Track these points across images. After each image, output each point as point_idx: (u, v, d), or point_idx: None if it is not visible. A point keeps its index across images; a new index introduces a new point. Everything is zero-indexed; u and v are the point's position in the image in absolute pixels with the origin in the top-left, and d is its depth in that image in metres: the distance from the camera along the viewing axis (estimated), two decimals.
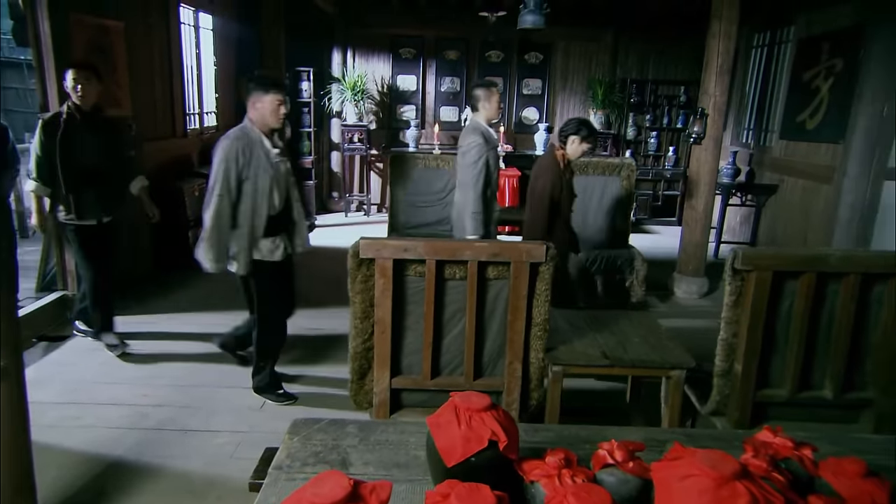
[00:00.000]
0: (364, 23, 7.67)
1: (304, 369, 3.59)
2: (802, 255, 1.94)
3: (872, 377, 2.03)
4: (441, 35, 7.85)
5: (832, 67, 5.54)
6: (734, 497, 0.89)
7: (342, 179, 8.05)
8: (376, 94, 7.91)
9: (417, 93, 7.98)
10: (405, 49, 7.89)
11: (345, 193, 7.99)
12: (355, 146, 7.59)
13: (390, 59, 7.91)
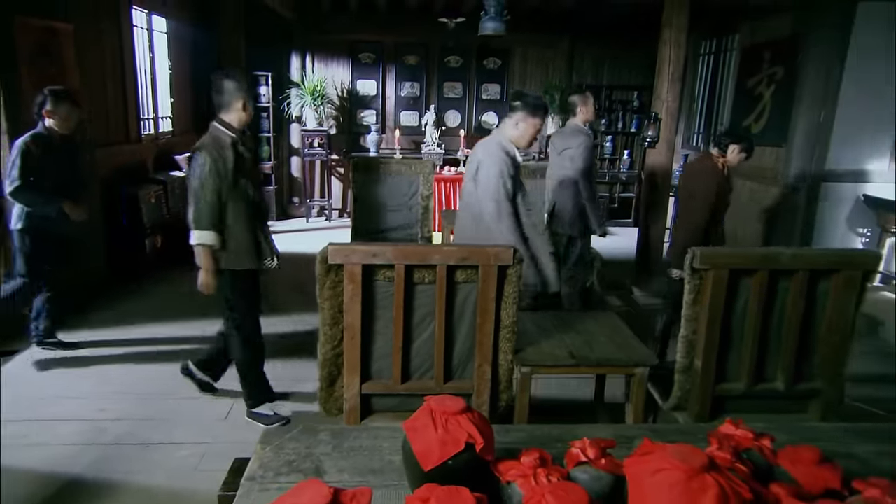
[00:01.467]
0: (323, 28, 7.62)
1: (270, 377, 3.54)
2: (756, 253, 2.03)
3: (819, 368, 2.14)
4: (400, 40, 7.87)
5: (774, 74, 5.81)
6: (704, 489, 0.93)
7: (303, 185, 7.97)
8: (336, 99, 7.87)
9: (378, 97, 7.97)
10: (365, 54, 7.89)
11: (306, 199, 7.91)
12: (316, 151, 7.52)
13: (350, 64, 7.89)
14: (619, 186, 8.36)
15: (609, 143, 8.27)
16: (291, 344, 4.05)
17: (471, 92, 8.11)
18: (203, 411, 3.10)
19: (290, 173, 8.12)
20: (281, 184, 7.99)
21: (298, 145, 7.86)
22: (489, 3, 3.19)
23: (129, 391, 3.29)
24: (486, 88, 8.15)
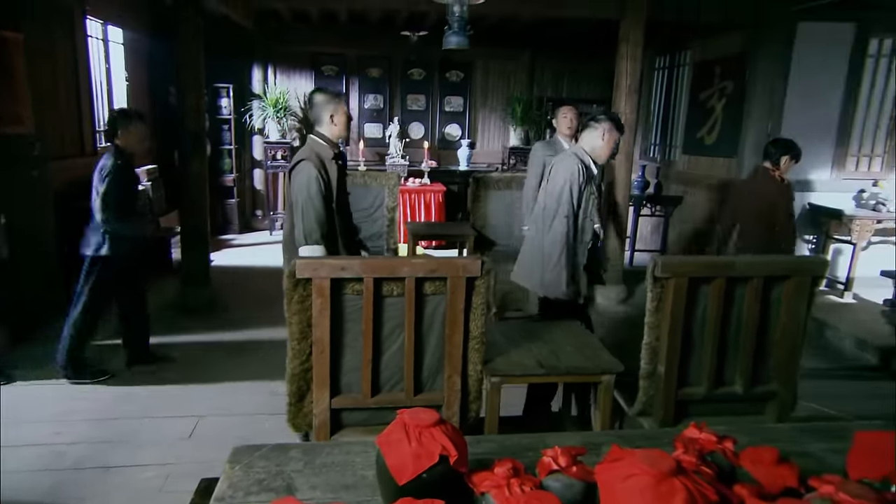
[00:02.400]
0: (284, 40, 7.57)
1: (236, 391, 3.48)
2: (714, 261, 2.11)
3: (775, 371, 2.23)
4: (363, 53, 7.89)
5: (724, 89, 6.05)
6: (672, 492, 0.96)
7: (266, 197, 7.87)
8: (299, 111, 7.81)
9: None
10: (327, 66, 7.87)
11: (269, 211, 7.82)
12: (279, 163, 7.45)
13: (313, 76, 7.86)
14: None
15: None
16: (254, 360, 3.97)
17: (434, 104, 8.17)
18: (165, 430, 3.02)
19: (253, 186, 8.02)
20: (243, 196, 7.88)
21: (261, 157, 7.78)
22: (452, 18, 3.23)
23: (86, 413, 3.18)
24: (449, 101, 8.22)
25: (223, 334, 4.38)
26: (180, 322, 4.52)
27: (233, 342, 4.22)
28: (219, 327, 4.50)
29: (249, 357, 4.00)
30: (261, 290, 5.30)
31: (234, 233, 7.63)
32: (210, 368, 3.80)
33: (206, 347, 4.13)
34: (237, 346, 4.15)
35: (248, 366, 3.85)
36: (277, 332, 4.17)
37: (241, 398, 3.41)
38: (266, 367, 3.77)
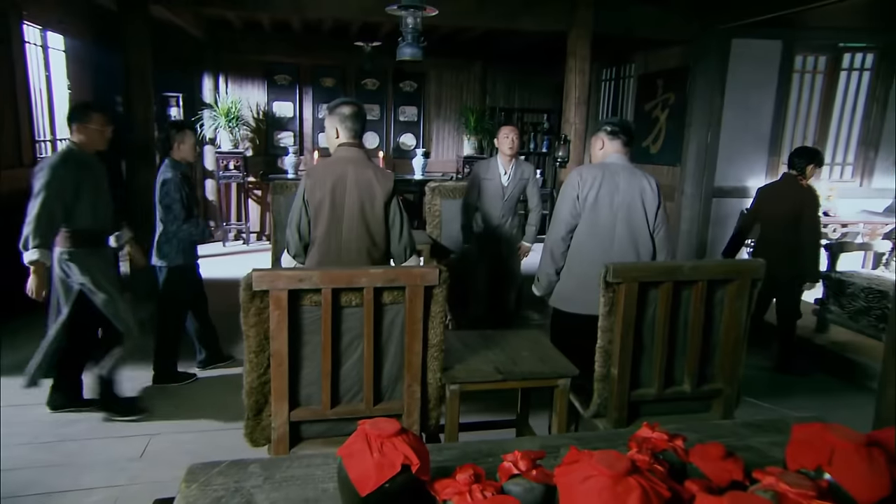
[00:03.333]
0: (236, 49, 7.47)
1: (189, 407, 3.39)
2: (662, 266, 2.20)
3: (719, 370, 2.34)
4: (317, 63, 7.85)
5: (667, 100, 6.31)
6: (628, 491, 1.00)
7: (219, 208, 7.71)
8: (252, 121, 7.71)
9: (295, 119, 7.89)
10: (280, 76, 7.79)
11: (222, 223, 7.66)
12: (231, 174, 7.31)
13: (265, 86, 7.78)
14: None
15: None
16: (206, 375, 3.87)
17: (388, 114, 8.19)
18: (115, 452, 2.91)
19: (205, 196, 7.84)
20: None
21: (213, 168, 7.62)
22: (406, 30, 3.26)
23: (27, 436, 3.03)
24: (403, 110, 8.26)
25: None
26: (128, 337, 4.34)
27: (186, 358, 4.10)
28: None
29: (204, 371, 3.90)
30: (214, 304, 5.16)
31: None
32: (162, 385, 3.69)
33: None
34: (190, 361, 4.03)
35: (202, 381, 3.76)
36: (233, 345, 4.12)
37: (196, 414, 3.33)
38: (221, 381, 3.69)
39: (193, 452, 2.87)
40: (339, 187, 2.57)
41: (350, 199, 2.57)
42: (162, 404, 3.43)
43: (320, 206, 2.57)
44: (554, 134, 8.41)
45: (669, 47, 6.16)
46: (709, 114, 5.66)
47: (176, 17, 5.66)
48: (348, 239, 2.60)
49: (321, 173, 2.60)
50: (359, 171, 2.59)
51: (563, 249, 2.88)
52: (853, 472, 1.07)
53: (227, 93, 7.52)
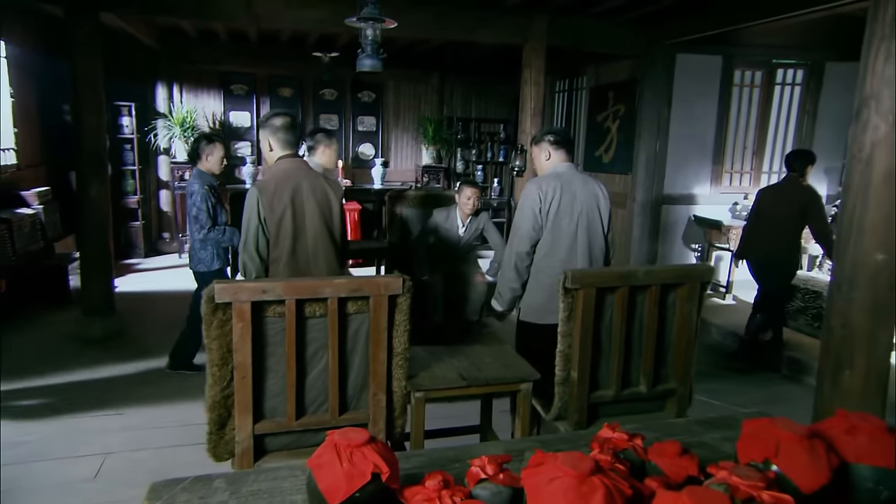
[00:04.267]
0: (191, 58, 7.34)
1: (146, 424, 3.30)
2: (618, 272, 2.28)
3: (672, 370, 2.43)
4: (274, 73, 7.80)
5: (618, 111, 6.52)
6: (593, 491, 1.03)
7: (173, 219, 7.52)
8: (208, 131, 7.56)
9: (252, 129, 7.80)
10: (237, 85, 7.70)
11: (177, 234, 7.47)
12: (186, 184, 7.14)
13: (221, 95, 7.67)
14: (491, 212, 8.78)
15: (480, 172, 8.71)
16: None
17: (347, 124, 8.18)
18: (65, 472, 2.81)
19: (159, 207, 7.65)
20: (149, 219, 7.50)
21: (167, 178, 7.46)
22: (365, 42, 3.28)
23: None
24: (361, 120, 8.27)
25: (131, 365, 4.13)
26: (82, 354, 4.22)
27: (142, 372, 4.00)
28: (126, 358, 4.24)
29: (160, 387, 3.80)
30: (171, 317, 5.04)
31: (139, 257, 7.22)
32: (116, 401, 3.58)
33: (112, 380, 3.88)
34: (146, 377, 3.93)
35: (160, 396, 3.66)
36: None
37: (152, 431, 3.24)
38: (179, 396, 3.60)
39: (152, 470, 2.79)
40: (297, 198, 2.53)
41: (310, 209, 2.55)
42: (116, 419, 3.33)
43: (281, 221, 2.51)
44: (510, 143, 8.56)
45: (619, 61, 6.39)
46: (657, 124, 5.89)
47: (127, 26, 5.53)
48: (315, 249, 2.58)
49: (276, 187, 2.54)
50: (312, 180, 2.58)
51: (528, 263, 2.90)
52: (797, 462, 1.15)
53: (182, 102, 7.38)
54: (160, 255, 7.53)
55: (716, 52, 5.94)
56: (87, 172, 4.49)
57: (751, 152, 6.43)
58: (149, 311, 5.28)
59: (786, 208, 4.28)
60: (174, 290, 5.94)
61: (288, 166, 2.60)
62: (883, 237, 2.32)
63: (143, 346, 4.46)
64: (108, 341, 4.49)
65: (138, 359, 4.22)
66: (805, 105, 6.36)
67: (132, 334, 4.71)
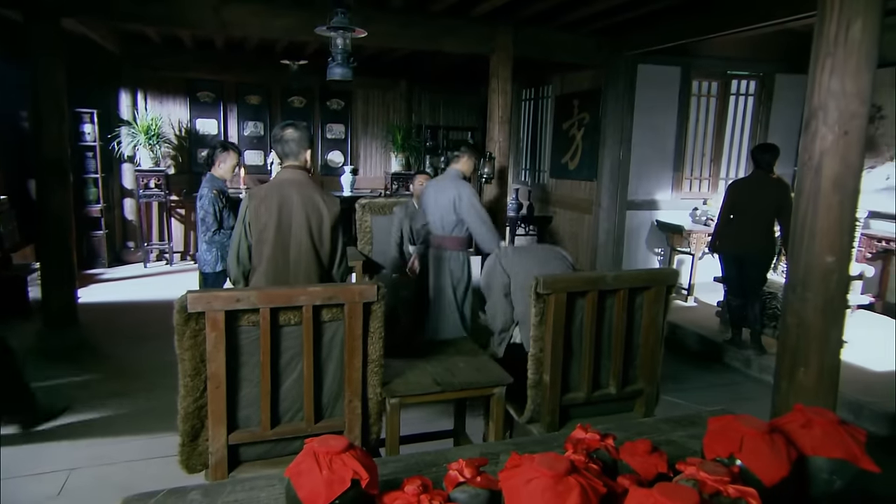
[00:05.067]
0: (155, 65, 7.22)
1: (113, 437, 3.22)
2: (587, 277, 2.34)
3: (640, 371, 2.50)
4: (241, 80, 7.73)
5: (583, 119, 6.68)
6: (569, 490, 1.07)
7: (139, 228, 7.36)
8: (174, 138, 7.45)
9: (219, 136, 7.69)
10: (203, 93, 7.60)
11: (142, 243, 7.32)
12: (152, 192, 7.01)
13: (188, 103, 7.55)
14: None
15: None
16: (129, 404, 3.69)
17: (316, 131, 8.15)
18: (28, 490, 2.72)
19: (124, 216, 7.47)
20: (112, 228, 7.30)
21: (132, 186, 7.30)
22: (336, 51, 3.30)
23: None
24: (330, 128, 8.25)
25: (95, 377, 4.03)
26: (44, 368, 4.09)
27: (106, 385, 3.90)
28: (89, 370, 4.14)
29: (126, 400, 3.71)
30: (137, 327, 4.94)
31: (102, 267, 7.03)
32: (81, 415, 3.48)
33: (76, 393, 3.77)
34: (111, 390, 3.83)
35: (126, 409, 3.58)
36: (157, 370, 3.95)
37: (119, 445, 3.16)
38: (147, 408, 3.53)
39: (120, 485, 2.73)
40: (285, 209, 2.52)
41: (297, 222, 2.53)
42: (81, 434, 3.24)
43: (265, 228, 2.51)
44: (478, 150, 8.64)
45: (583, 71, 6.55)
46: (620, 132, 6.06)
47: (89, 31, 5.41)
48: (296, 262, 2.56)
49: (265, 194, 2.54)
50: (305, 194, 2.55)
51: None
52: (759, 457, 1.21)
53: (147, 109, 7.23)
54: (125, 264, 7.34)
55: (675, 64, 6.15)
56: (48, 181, 4.38)
57: (709, 159, 6.66)
58: (114, 323, 5.15)
59: (762, 202, 4.45)
60: (140, 300, 5.81)
61: (285, 177, 2.61)
62: (833, 241, 2.44)
63: (109, 359, 4.36)
64: (71, 354, 4.36)
65: (103, 371, 4.12)
66: (758, 114, 6.63)
67: (96, 346, 4.59)
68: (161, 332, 3.09)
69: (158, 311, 3.72)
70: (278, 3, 4.69)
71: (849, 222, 2.47)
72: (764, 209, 4.46)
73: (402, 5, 4.81)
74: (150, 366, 4.10)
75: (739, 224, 4.54)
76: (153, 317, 3.87)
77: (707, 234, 5.77)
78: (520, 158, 8.32)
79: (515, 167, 8.30)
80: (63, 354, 4.34)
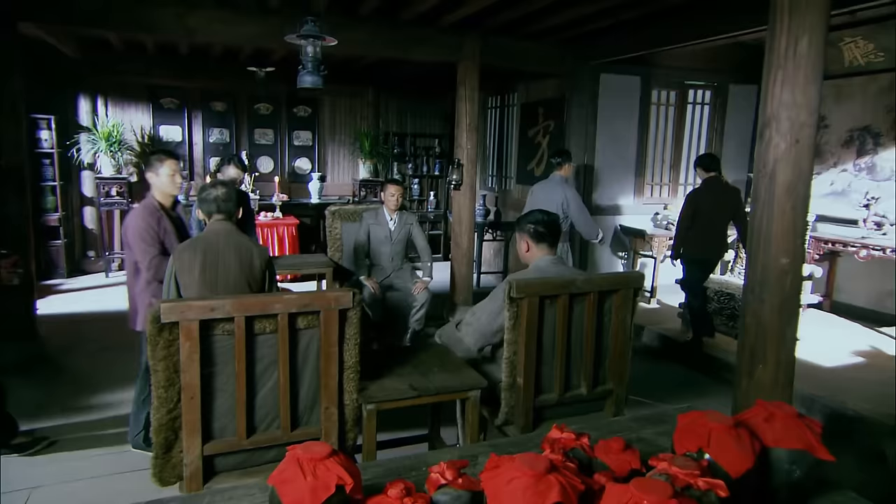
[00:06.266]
0: (117, 70, 7.05)
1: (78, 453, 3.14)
2: (558, 281, 2.40)
3: (610, 372, 2.58)
4: (206, 87, 7.61)
5: (548, 126, 6.81)
6: (549, 487, 1.11)
7: (99, 237, 7.16)
8: (136, 145, 7.28)
9: (184, 143, 7.56)
10: (167, 99, 7.46)
11: (104, 252, 7.12)
12: (114, 200, 6.83)
13: (151, 109, 7.41)
14: (428, 225, 8.88)
15: (416, 186, 8.82)
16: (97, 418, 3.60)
17: (283, 138, 8.09)
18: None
19: (83, 225, 7.24)
20: (72, 237, 7.08)
21: (92, 194, 7.10)
22: (306, 59, 3.31)
23: None
24: (297, 135, 8.19)
25: (57, 392, 3.91)
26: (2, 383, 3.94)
27: (68, 399, 3.78)
28: (50, 384, 4.02)
29: (91, 413, 3.62)
30: (99, 339, 4.80)
31: (61, 277, 6.81)
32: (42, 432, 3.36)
33: (36, 409, 3.64)
34: (74, 404, 3.72)
35: (91, 423, 3.49)
36: (121, 383, 3.86)
37: (85, 461, 3.08)
38: (112, 422, 3.45)
39: (87, 502, 2.67)
40: (210, 251, 2.51)
41: (224, 260, 2.52)
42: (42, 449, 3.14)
43: (190, 270, 2.49)
44: (445, 157, 8.71)
45: (548, 79, 6.69)
46: (584, 139, 6.21)
47: (47, 36, 5.28)
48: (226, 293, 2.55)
49: (189, 244, 2.59)
50: (232, 238, 2.58)
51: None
52: (726, 450, 1.27)
53: (108, 115, 7.05)
54: (85, 274, 7.13)
55: (635, 73, 6.34)
56: (4, 189, 4.25)
57: (669, 165, 6.87)
58: (74, 334, 5.00)
59: (722, 208, 4.67)
60: (101, 310, 5.66)
61: (212, 228, 2.62)
62: (787, 244, 2.57)
63: (70, 372, 4.23)
64: (30, 368, 4.22)
65: (65, 385, 4.01)
66: (713, 123, 6.88)
67: (57, 359, 4.46)
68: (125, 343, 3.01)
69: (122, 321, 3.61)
70: (245, 11, 4.65)
71: (801, 226, 2.60)
72: (723, 214, 4.66)
73: (372, 14, 4.83)
74: (115, 378, 4.00)
75: (704, 229, 4.71)
76: (116, 328, 3.77)
77: (668, 238, 5.96)
78: (486, 165, 8.42)
79: (482, 174, 8.39)
80: (22, 368, 4.19)
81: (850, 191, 5.69)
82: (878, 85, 5.44)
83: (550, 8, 4.60)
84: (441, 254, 8.62)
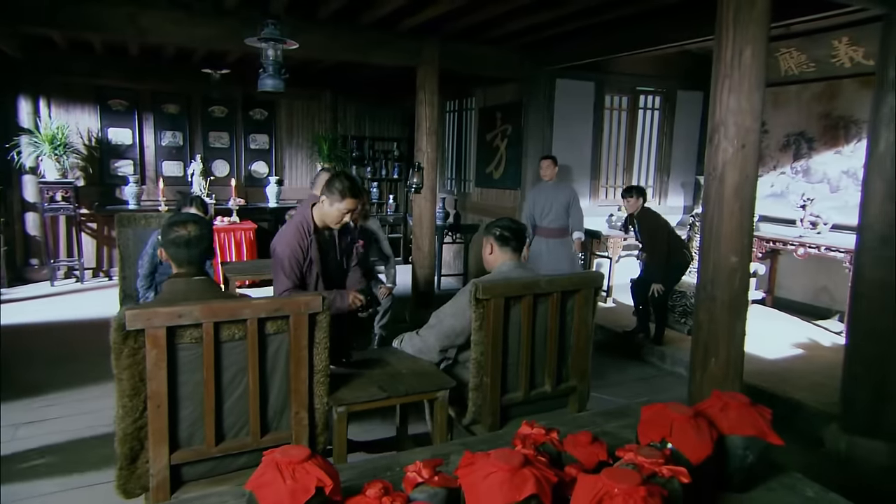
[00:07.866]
0: (62, 70, 6.79)
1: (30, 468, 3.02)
2: (522, 282, 2.46)
3: (572, 369, 2.66)
4: (158, 88, 7.40)
5: (506, 131, 6.93)
6: (525, 481, 1.16)
7: (44, 244, 6.87)
8: (83, 148, 7.02)
9: (134, 147, 7.34)
10: (116, 101, 7.22)
11: (48, 260, 6.83)
12: (59, 205, 6.56)
13: (98, 111, 7.15)
14: (388, 228, 8.89)
15: (375, 189, 8.80)
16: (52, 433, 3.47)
17: (238, 141, 7.94)
18: None
19: (25, 231, 6.93)
20: (12, 244, 6.77)
21: (35, 199, 6.80)
22: (267, 62, 3.29)
23: None
24: (254, 138, 8.06)
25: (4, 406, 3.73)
26: None
27: (15, 415, 3.62)
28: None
29: (41, 429, 3.48)
30: (48, 350, 4.61)
31: (2, 287, 6.49)
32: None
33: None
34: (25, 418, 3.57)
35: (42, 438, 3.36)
36: (74, 394, 3.73)
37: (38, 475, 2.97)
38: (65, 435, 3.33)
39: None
40: None
41: None
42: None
43: None
44: (404, 160, 8.73)
45: (505, 84, 6.81)
46: (541, 143, 6.35)
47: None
48: None
49: None
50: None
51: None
52: (687, 439, 1.35)
53: (51, 117, 6.77)
54: (28, 283, 6.82)
55: (589, 79, 6.54)
56: None
57: (622, 168, 7.08)
58: (19, 346, 4.79)
59: (662, 231, 5.01)
60: (50, 320, 5.43)
61: (178, 287, 2.15)
62: (735, 243, 2.71)
63: (16, 384, 4.05)
64: None
65: (12, 399, 3.84)
66: (663, 127, 7.14)
67: (3, 373, 4.26)
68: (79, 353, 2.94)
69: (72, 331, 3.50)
70: (200, 12, 4.56)
71: (748, 226, 2.75)
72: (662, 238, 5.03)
73: (331, 17, 4.82)
74: (69, 390, 3.86)
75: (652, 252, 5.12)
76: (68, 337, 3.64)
77: (622, 239, 6.17)
78: (445, 168, 8.48)
79: (441, 177, 8.45)
80: None
81: (789, 192, 6.01)
82: (810, 93, 5.78)
83: (509, 14, 4.70)
84: (401, 257, 8.63)
